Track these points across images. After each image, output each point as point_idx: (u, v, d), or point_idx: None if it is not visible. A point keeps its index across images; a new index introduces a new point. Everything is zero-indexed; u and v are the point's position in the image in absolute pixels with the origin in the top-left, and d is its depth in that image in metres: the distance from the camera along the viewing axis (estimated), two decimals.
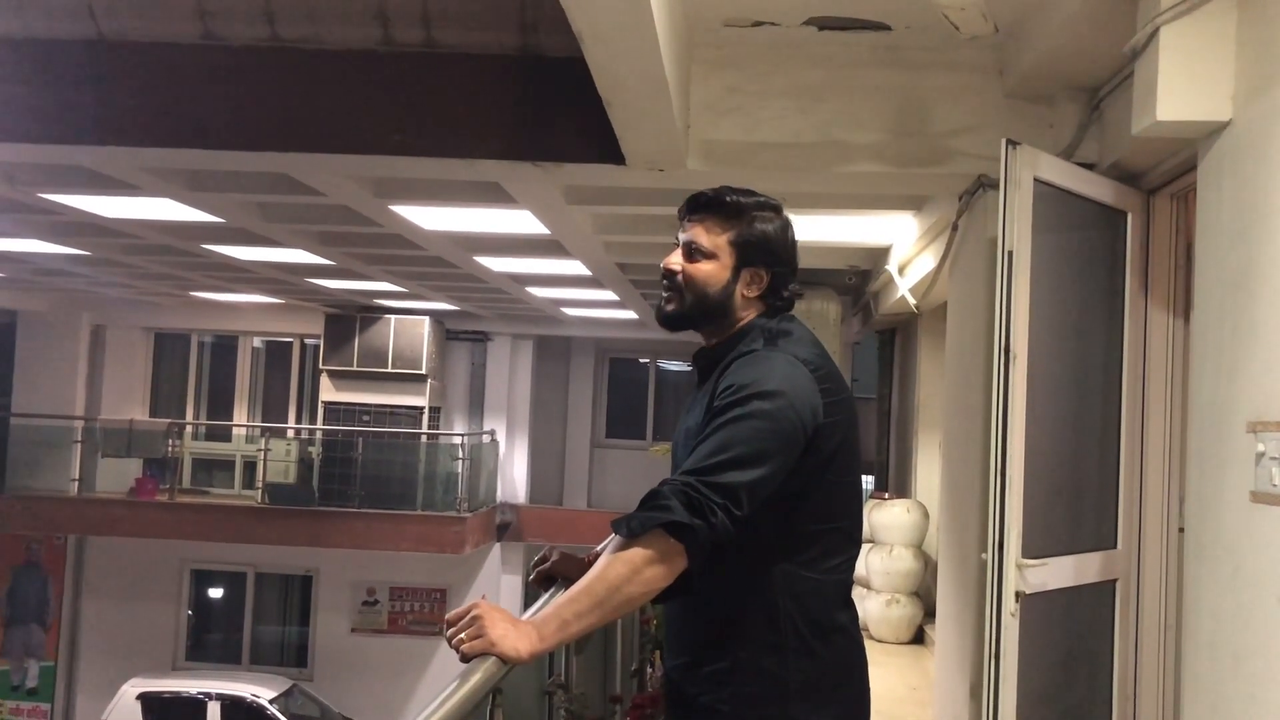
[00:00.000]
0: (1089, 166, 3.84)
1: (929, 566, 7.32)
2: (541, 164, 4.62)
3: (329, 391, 14.28)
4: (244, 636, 14.89)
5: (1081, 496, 3.79)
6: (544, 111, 4.50)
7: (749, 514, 1.96)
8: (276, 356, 15.72)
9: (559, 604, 1.95)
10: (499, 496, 15.01)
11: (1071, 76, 3.89)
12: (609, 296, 10.86)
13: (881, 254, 7.55)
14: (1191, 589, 3.05)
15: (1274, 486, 2.58)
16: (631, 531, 1.91)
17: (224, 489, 14.64)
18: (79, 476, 14.03)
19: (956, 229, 4.69)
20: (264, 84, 4.60)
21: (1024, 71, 3.96)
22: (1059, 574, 3.53)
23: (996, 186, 3.47)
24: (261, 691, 12.08)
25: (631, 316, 12.75)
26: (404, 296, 12.38)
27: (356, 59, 4.55)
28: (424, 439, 14.23)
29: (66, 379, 14.69)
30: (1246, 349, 2.77)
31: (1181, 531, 3.51)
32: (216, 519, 13.52)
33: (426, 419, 14.30)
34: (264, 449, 13.98)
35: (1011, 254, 3.38)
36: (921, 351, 8.08)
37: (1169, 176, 3.66)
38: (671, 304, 2.25)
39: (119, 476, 14.17)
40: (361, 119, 4.62)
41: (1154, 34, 3.02)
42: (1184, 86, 2.96)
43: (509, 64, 4.49)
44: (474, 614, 1.89)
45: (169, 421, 14.66)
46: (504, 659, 1.86)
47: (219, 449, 15.12)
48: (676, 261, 2.24)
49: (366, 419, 14.12)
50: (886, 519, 7.51)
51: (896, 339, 9.41)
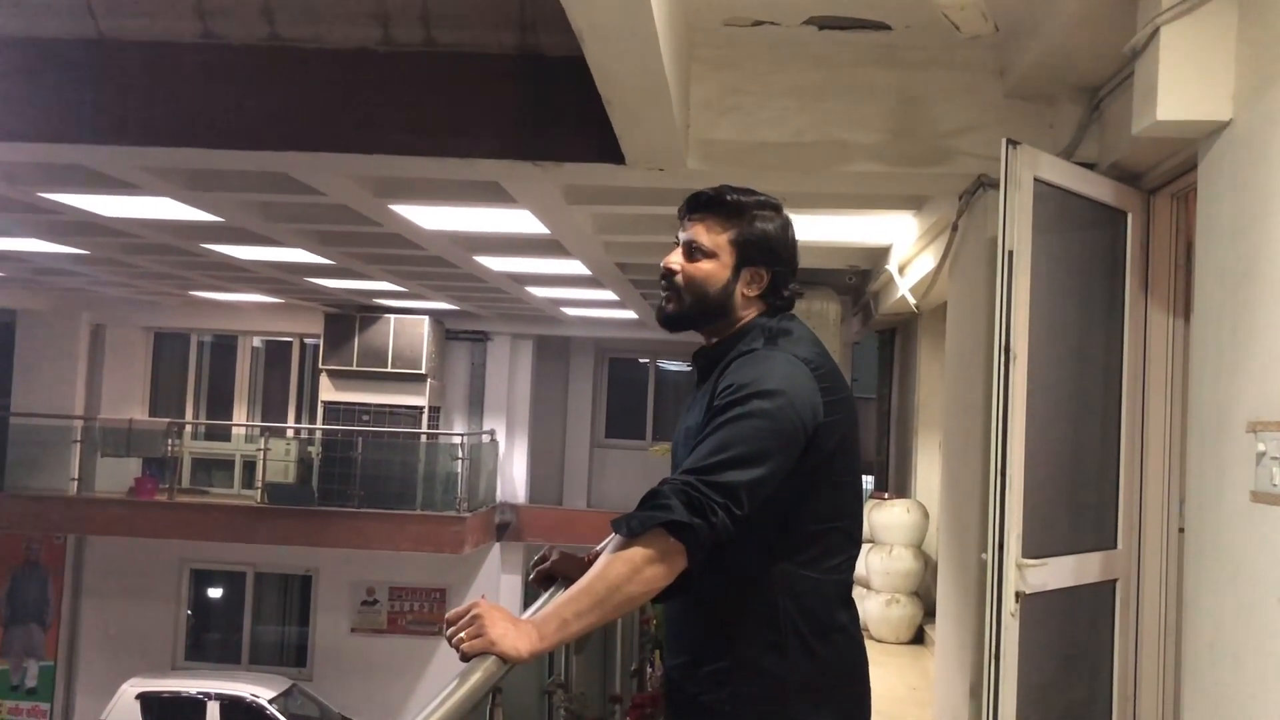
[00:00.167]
0: (1089, 166, 3.84)
1: (929, 566, 7.32)
2: (541, 164, 4.62)
3: (328, 391, 14.28)
4: (243, 636, 14.88)
5: (1081, 496, 3.79)
6: (544, 111, 4.50)
7: (749, 513, 1.96)
8: (276, 356, 15.72)
9: (559, 603, 1.94)
10: (499, 496, 15.00)
11: (1072, 76, 3.89)
12: (609, 296, 10.86)
13: (881, 254, 7.54)
14: (1191, 589, 3.05)
15: (1274, 486, 2.58)
16: (632, 531, 1.91)
17: (223, 489, 14.63)
18: (78, 476, 14.02)
19: (956, 229, 4.69)
20: (264, 83, 4.61)
21: (1024, 71, 3.95)
22: (1059, 574, 3.53)
23: (996, 186, 3.47)
24: (261, 691, 12.07)
25: (631, 316, 12.74)
26: (404, 296, 12.38)
27: (356, 58, 4.55)
28: (423, 439, 14.23)
29: (66, 378, 14.68)
30: (1246, 349, 2.77)
31: (1181, 531, 3.51)
32: (216, 519, 13.51)
33: (426, 419, 14.30)
34: (263, 449, 13.98)
35: (1011, 254, 3.38)
36: (921, 351, 8.08)
37: (1169, 176, 3.66)
38: (671, 303, 2.25)
39: (118, 476, 14.17)
40: (361, 118, 4.62)
41: (1154, 34, 3.02)
42: (1184, 86, 2.96)
43: (509, 63, 4.49)
44: (474, 613, 1.89)
45: (168, 421, 14.66)
46: (504, 658, 1.86)
47: (218, 449, 15.11)
48: (676, 261, 2.23)
49: (366, 419, 14.12)
50: (886, 519, 7.51)
51: (896, 339, 9.41)
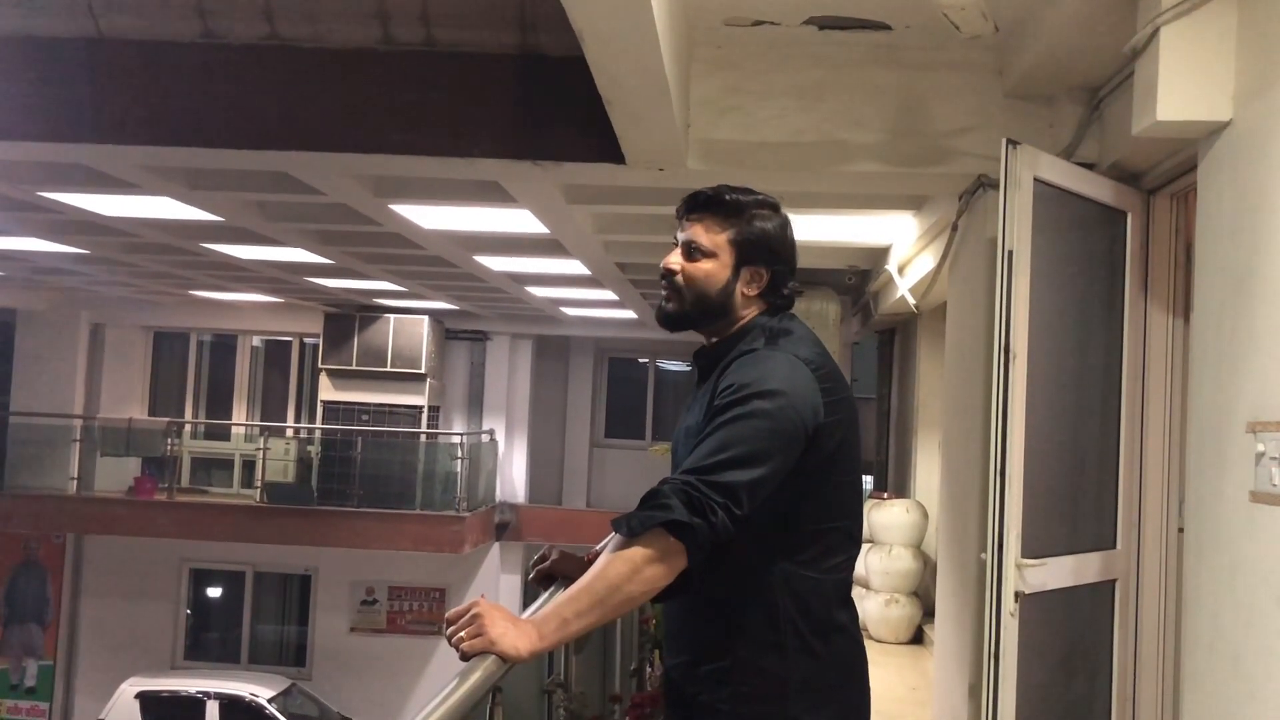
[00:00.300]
0: (1089, 166, 3.84)
1: (928, 566, 7.32)
2: (541, 163, 4.62)
3: (328, 391, 14.27)
4: (242, 636, 14.88)
5: (1081, 496, 3.79)
6: (544, 111, 4.50)
7: (749, 513, 1.96)
8: (275, 355, 15.72)
9: (559, 602, 1.94)
10: (498, 496, 15.00)
11: (1072, 76, 3.89)
12: (608, 296, 10.86)
13: (881, 254, 7.54)
14: (1191, 589, 3.05)
15: (1273, 486, 2.58)
16: (632, 530, 1.91)
17: (223, 488, 14.63)
18: (78, 475, 14.01)
19: (956, 229, 4.69)
20: (263, 82, 4.60)
21: (1024, 71, 3.95)
22: (1058, 574, 3.53)
23: (996, 186, 3.47)
24: (260, 691, 12.07)
25: (631, 316, 12.74)
26: (403, 296, 12.38)
27: (356, 57, 4.55)
28: (423, 438, 14.23)
29: (65, 377, 14.67)
30: (1246, 349, 2.77)
31: (1181, 531, 3.51)
32: (215, 518, 13.51)
33: (425, 418, 14.30)
34: (263, 448, 13.98)
35: (1011, 254, 3.38)
36: (921, 351, 8.08)
37: (1169, 176, 3.66)
38: (671, 303, 2.24)
39: (118, 475, 14.17)
40: (361, 118, 4.62)
41: (1154, 34, 3.02)
42: (1184, 86, 2.96)
43: (509, 63, 4.49)
44: (474, 612, 1.89)
45: (168, 420, 14.65)
46: (504, 657, 1.86)
47: (218, 448, 15.11)
48: (675, 261, 2.23)
49: (365, 418, 14.12)
50: (886, 519, 7.51)
51: (896, 339, 9.41)
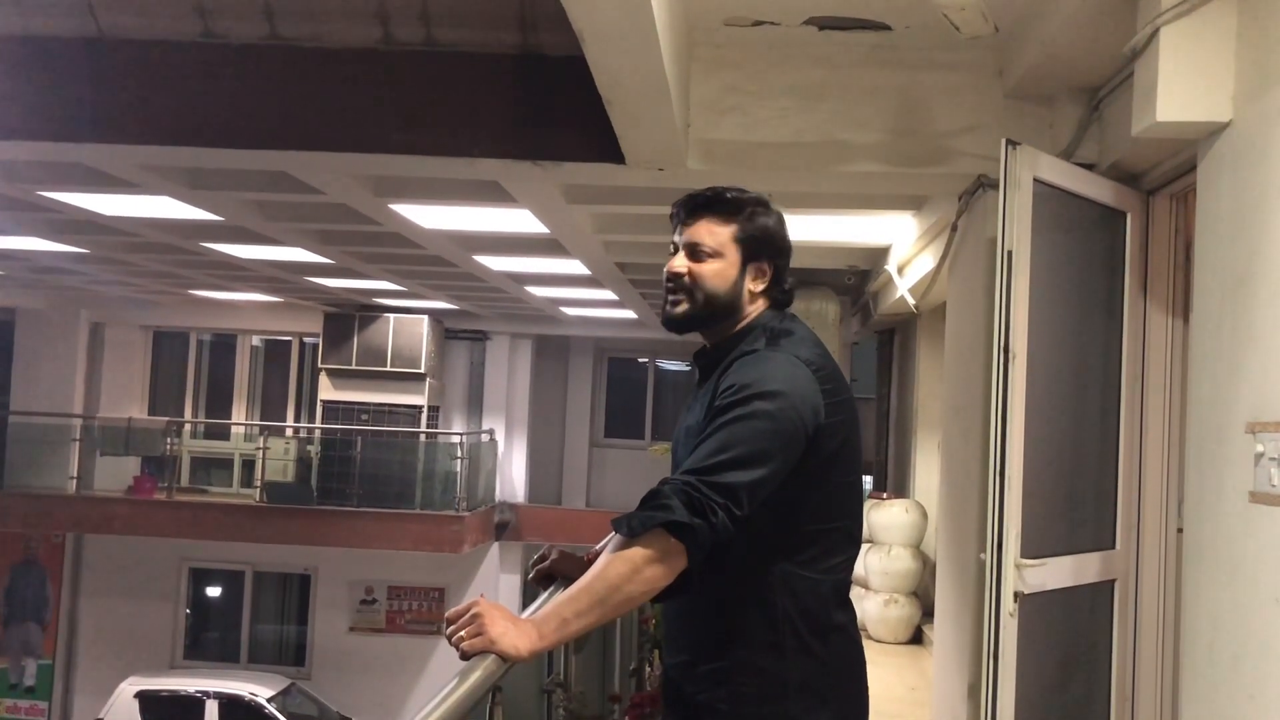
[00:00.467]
0: (1089, 167, 3.84)
1: (927, 566, 7.32)
2: (541, 163, 4.62)
3: (328, 390, 14.27)
4: (242, 635, 14.88)
5: (1080, 497, 3.79)
6: (544, 111, 4.50)
7: (749, 514, 1.96)
8: (275, 355, 15.72)
9: (559, 602, 1.95)
10: (497, 496, 15.00)
11: (1071, 77, 3.89)
12: (608, 296, 10.86)
13: (881, 254, 7.55)
14: (1190, 589, 3.05)
15: (1273, 487, 2.58)
16: (632, 530, 1.91)
17: (222, 487, 14.63)
18: (77, 474, 14.01)
19: (956, 229, 4.69)
20: (263, 82, 4.61)
21: (1024, 72, 3.96)
22: (1057, 574, 3.53)
23: (996, 187, 3.47)
24: (259, 690, 12.07)
25: (630, 316, 12.74)
26: (403, 295, 12.38)
27: (356, 57, 4.55)
28: (422, 438, 14.22)
29: (65, 377, 14.67)
30: (1246, 349, 2.77)
31: (1180, 532, 3.51)
32: (215, 517, 13.50)
33: (425, 418, 14.30)
34: (262, 447, 13.98)
35: (1011, 254, 3.38)
36: (920, 352, 8.08)
37: (1169, 177, 3.66)
38: (681, 304, 2.23)
39: (117, 475, 14.16)
40: (361, 117, 4.62)
41: (1154, 35, 3.02)
42: (1184, 87, 2.96)
43: (509, 63, 4.49)
44: (474, 612, 1.89)
45: (167, 420, 14.65)
46: (504, 657, 1.86)
47: (217, 447, 15.11)
48: (682, 264, 2.22)
49: (365, 418, 14.11)
50: (885, 519, 7.51)
51: (895, 339, 9.41)
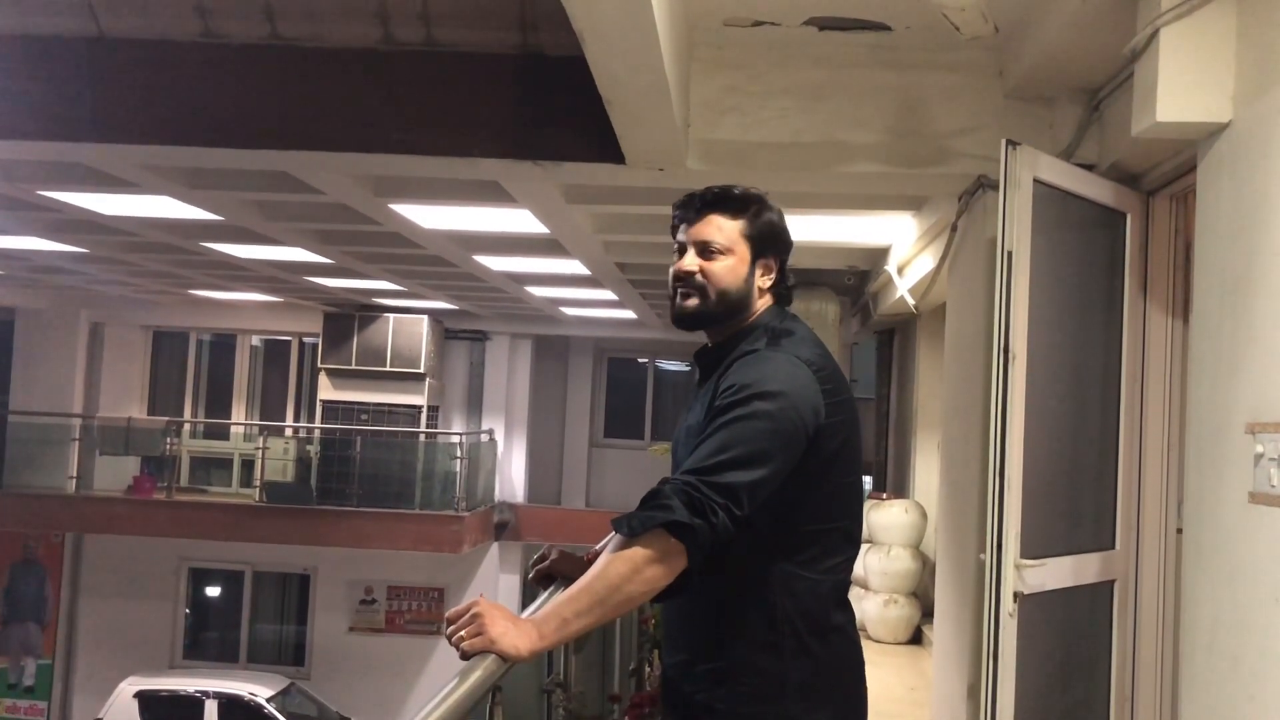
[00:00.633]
0: (1089, 167, 3.84)
1: (927, 567, 7.33)
2: (541, 163, 4.62)
3: (327, 390, 14.27)
4: (241, 635, 14.87)
5: (1080, 497, 3.79)
6: (544, 111, 4.50)
7: (749, 514, 1.96)
8: (275, 355, 15.72)
9: (559, 602, 1.95)
10: (497, 496, 14.99)
11: (1071, 77, 3.89)
12: (608, 296, 10.86)
13: (881, 254, 7.55)
14: (1189, 590, 3.05)
15: (1272, 487, 2.58)
16: (632, 530, 1.92)
17: (222, 487, 14.63)
18: (77, 474, 14.01)
19: (956, 229, 4.69)
20: (263, 82, 4.60)
21: (1024, 72, 3.96)
22: (1057, 575, 3.53)
23: (996, 187, 3.47)
24: (259, 690, 12.06)
25: (630, 316, 12.74)
26: (403, 295, 12.38)
27: (356, 57, 4.55)
28: (422, 438, 14.22)
29: (65, 376, 14.67)
30: (1245, 350, 2.77)
31: (1180, 532, 3.51)
32: (214, 517, 13.50)
33: (425, 418, 14.29)
34: (262, 447, 13.98)
35: (1011, 254, 3.38)
36: (920, 352, 8.08)
37: (1168, 178, 3.66)
38: (693, 300, 2.22)
39: (117, 474, 14.16)
40: (361, 117, 4.62)
41: (1154, 35, 3.02)
42: (1184, 88, 2.96)
43: (509, 63, 4.49)
44: (474, 611, 1.89)
45: (167, 420, 14.65)
46: (504, 657, 1.86)
47: (217, 447, 15.11)
48: (693, 262, 2.22)
49: (365, 418, 14.11)
50: (885, 519, 7.51)
51: (895, 339, 9.42)
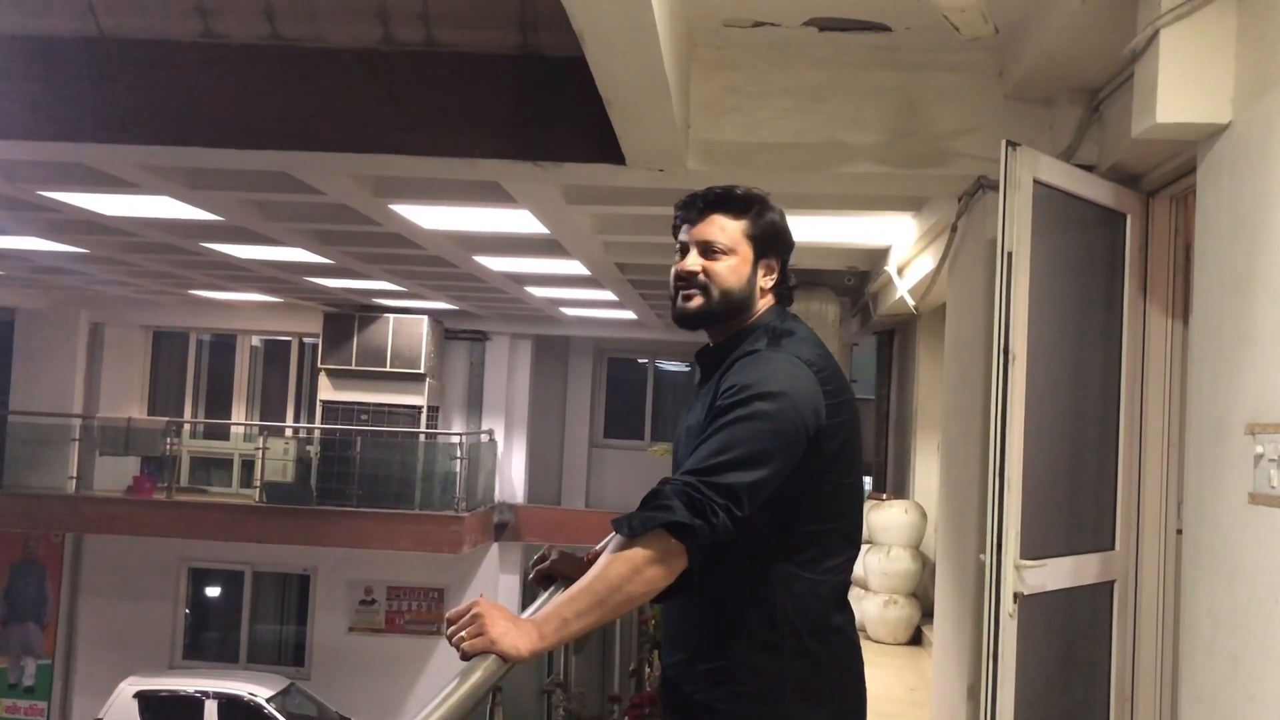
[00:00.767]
0: (1088, 168, 3.84)
1: (927, 567, 7.33)
2: (541, 164, 4.62)
3: (327, 390, 14.27)
4: (241, 635, 14.88)
5: (1080, 498, 3.79)
6: (544, 111, 4.50)
7: (749, 514, 1.97)
8: (275, 355, 15.72)
9: (559, 602, 1.95)
10: (497, 496, 14.99)
11: (1071, 78, 3.90)
12: (608, 296, 10.86)
13: (881, 255, 7.55)
14: (1189, 590, 3.05)
15: (1272, 488, 2.58)
16: (632, 531, 1.92)
17: (222, 488, 14.63)
18: (77, 474, 14.01)
19: (956, 230, 4.69)
20: (264, 82, 4.60)
21: (1024, 73, 3.96)
22: (1057, 575, 3.53)
23: (996, 188, 3.47)
24: (259, 690, 12.06)
25: (630, 316, 12.74)
26: (403, 295, 12.38)
27: (356, 57, 4.55)
28: (422, 438, 14.22)
29: (65, 376, 14.68)
30: (1245, 351, 2.77)
31: (1180, 533, 3.51)
32: (214, 518, 13.50)
33: (425, 418, 14.30)
34: (262, 448, 13.98)
35: (1011, 255, 3.38)
36: (920, 352, 8.08)
37: (1168, 179, 3.66)
38: (695, 300, 2.22)
39: (117, 475, 14.16)
40: (361, 117, 4.62)
41: (1154, 36, 3.02)
42: (1184, 89, 2.96)
43: (509, 63, 4.49)
44: (474, 612, 1.90)
45: (167, 420, 14.65)
46: (504, 657, 1.86)
47: (217, 447, 15.11)
48: (696, 262, 2.22)
49: (365, 418, 14.11)
50: (884, 520, 7.52)
51: (895, 340, 9.42)
